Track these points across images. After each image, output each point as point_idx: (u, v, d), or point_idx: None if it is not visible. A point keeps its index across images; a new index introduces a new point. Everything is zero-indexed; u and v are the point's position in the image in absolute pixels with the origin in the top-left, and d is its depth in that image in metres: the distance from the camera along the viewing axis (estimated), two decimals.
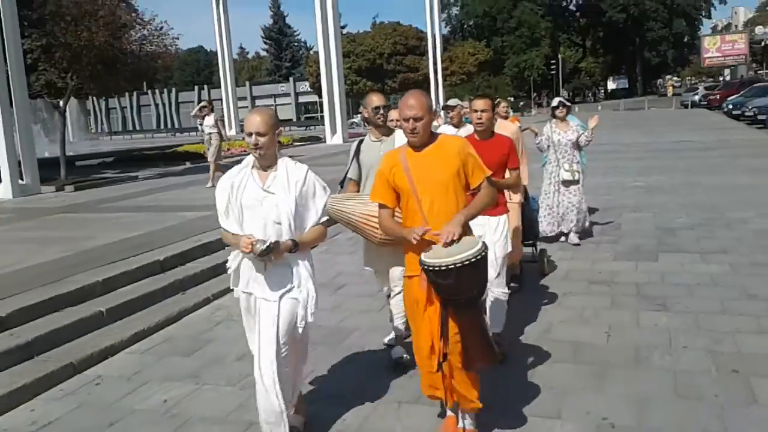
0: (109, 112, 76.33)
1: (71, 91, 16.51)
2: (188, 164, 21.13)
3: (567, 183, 7.85)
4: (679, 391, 4.05)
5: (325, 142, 30.04)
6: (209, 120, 14.15)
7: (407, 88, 45.09)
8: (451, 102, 6.96)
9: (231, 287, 3.61)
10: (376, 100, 4.64)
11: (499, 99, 7.71)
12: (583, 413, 3.84)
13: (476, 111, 4.69)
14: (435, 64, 43.25)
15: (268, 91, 72.68)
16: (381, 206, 3.49)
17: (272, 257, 3.25)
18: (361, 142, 4.78)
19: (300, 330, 3.47)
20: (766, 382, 4.08)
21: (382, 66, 45.75)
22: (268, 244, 3.21)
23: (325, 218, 3.53)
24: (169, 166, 21.11)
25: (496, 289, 4.68)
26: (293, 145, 29.36)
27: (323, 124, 32.69)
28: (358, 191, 4.58)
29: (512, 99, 54.81)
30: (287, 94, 71.35)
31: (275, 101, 71.35)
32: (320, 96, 55.91)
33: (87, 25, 14.92)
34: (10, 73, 13.84)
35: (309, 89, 65.19)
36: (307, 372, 4.17)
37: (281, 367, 3.37)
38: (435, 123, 4.74)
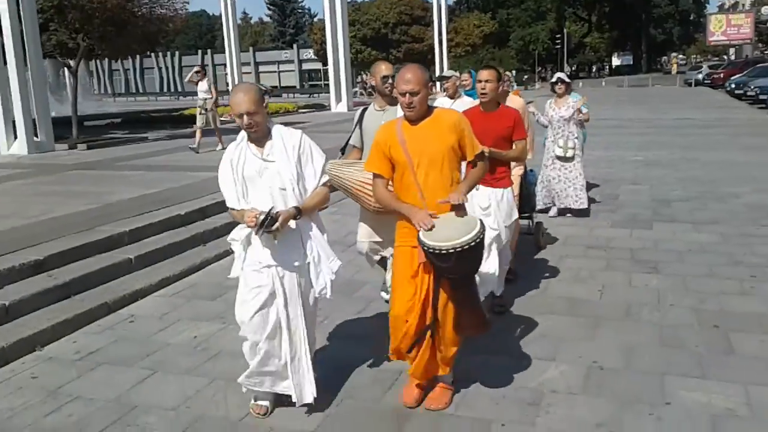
0: (113, 74, 76.04)
1: (83, 52, 16.74)
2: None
3: (561, 159, 7.90)
4: (663, 342, 4.46)
5: (330, 109, 30.21)
6: (203, 85, 14.17)
7: (412, 58, 45.33)
8: (446, 72, 6.95)
9: (231, 275, 3.60)
10: (384, 69, 4.67)
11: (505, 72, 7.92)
12: (576, 357, 4.25)
13: (480, 81, 4.69)
14: (440, 35, 43.16)
15: (271, 58, 72.49)
16: (376, 176, 3.55)
17: (278, 227, 3.23)
18: (365, 110, 4.84)
19: (323, 293, 3.51)
20: (744, 335, 4.48)
21: (387, 35, 45.68)
22: (268, 211, 3.21)
23: (325, 179, 3.56)
24: (176, 128, 21.38)
25: (501, 256, 4.73)
26: (298, 112, 29.57)
27: (327, 92, 32.82)
28: (360, 158, 4.62)
29: (514, 72, 55.07)
30: (291, 61, 71.14)
31: (279, 68, 71.25)
32: (325, 64, 55.98)
33: None
34: (24, 32, 14.06)
35: (313, 56, 65.15)
36: (321, 319, 4.48)
37: (309, 341, 3.53)
38: (432, 96, 4.89)
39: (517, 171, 5.66)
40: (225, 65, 45.01)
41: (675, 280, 5.68)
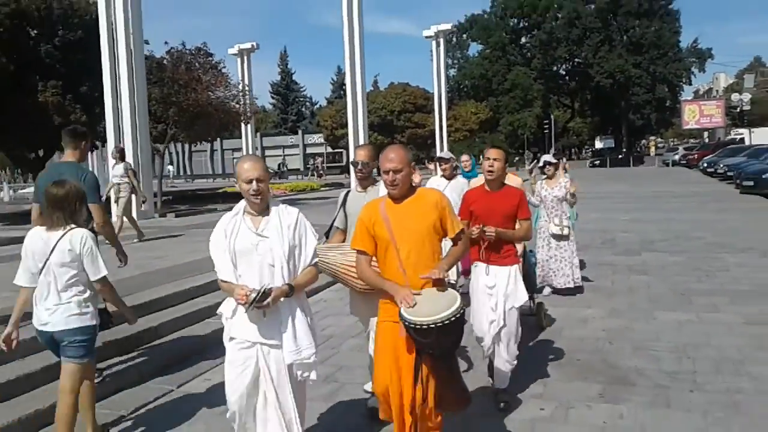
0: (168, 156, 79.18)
1: (170, 138, 20.48)
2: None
3: (557, 237, 8.05)
4: (637, 306, 7.86)
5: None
6: (119, 168, 12.53)
7: (415, 142, 49.88)
8: (444, 154, 7.09)
9: (226, 337, 3.53)
10: (360, 154, 4.72)
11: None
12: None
13: (488, 159, 4.65)
14: (440, 121, 47.66)
15: (277, 143, 77.03)
16: (360, 252, 3.63)
17: (269, 304, 3.25)
18: (348, 192, 4.90)
19: (304, 377, 3.50)
20: (696, 298, 7.90)
21: (393, 122, 50.28)
22: (261, 289, 3.23)
23: (315, 260, 3.56)
24: (226, 202, 24.96)
25: (507, 353, 4.68)
26: (320, 189, 33.32)
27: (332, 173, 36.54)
28: (344, 240, 4.67)
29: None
30: (296, 145, 75.72)
31: (284, 152, 75.68)
32: (333, 148, 60.60)
33: (194, 88, 18.97)
34: (138, 123, 17.75)
35: (318, 141, 69.87)
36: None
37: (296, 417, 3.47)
38: (415, 179, 5.22)
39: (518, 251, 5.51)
40: (241, 149, 49.39)
41: (658, 277, 9.12)
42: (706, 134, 75.02)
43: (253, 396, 3.43)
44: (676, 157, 50.23)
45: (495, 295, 4.58)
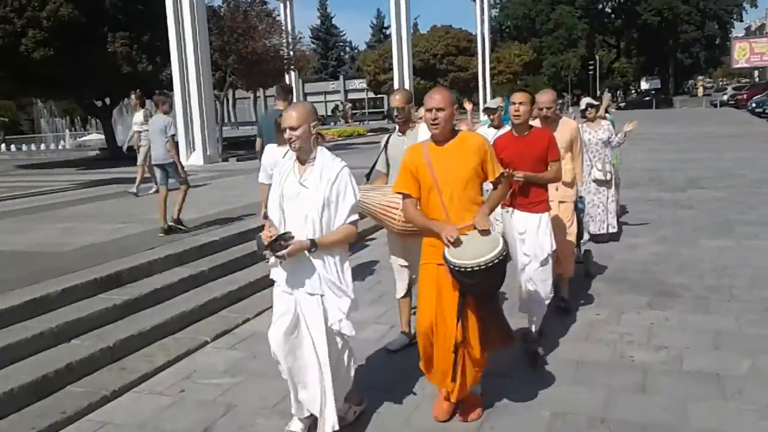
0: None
1: (229, 85, 21.43)
2: None
3: (600, 182, 7.83)
4: (682, 235, 8.58)
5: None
6: (138, 116, 11.95)
7: (458, 86, 49.90)
8: (491, 104, 7.00)
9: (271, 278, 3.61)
10: (395, 100, 4.86)
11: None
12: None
13: (514, 103, 4.58)
14: (483, 64, 47.63)
15: (319, 88, 77.46)
16: (405, 196, 3.70)
17: (285, 255, 3.24)
18: (390, 136, 5.00)
19: (337, 330, 3.48)
20: (741, 228, 8.58)
21: (435, 66, 50.42)
22: (281, 234, 3.26)
23: (353, 218, 3.46)
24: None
25: (540, 290, 4.67)
26: (367, 134, 34.06)
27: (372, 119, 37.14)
28: (386, 183, 4.76)
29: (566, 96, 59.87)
30: (337, 91, 76.14)
31: (325, 98, 76.22)
32: (376, 93, 60.95)
33: (252, 36, 19.77)
34: (201, 71, 18.68)
35: (357, 87, 70.31)
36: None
37: (331, 365, 3.46)
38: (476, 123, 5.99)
39: (571, 197, 5.50)
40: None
41: (703, 212, 9.77)
42: (756, 73, 72.91)
43: (290, 340, 3.45)
44: (725, 98, 49.52)
45: (528, 241, 4.61)
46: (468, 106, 9.96)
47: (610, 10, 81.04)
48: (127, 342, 5.08)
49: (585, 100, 8.12)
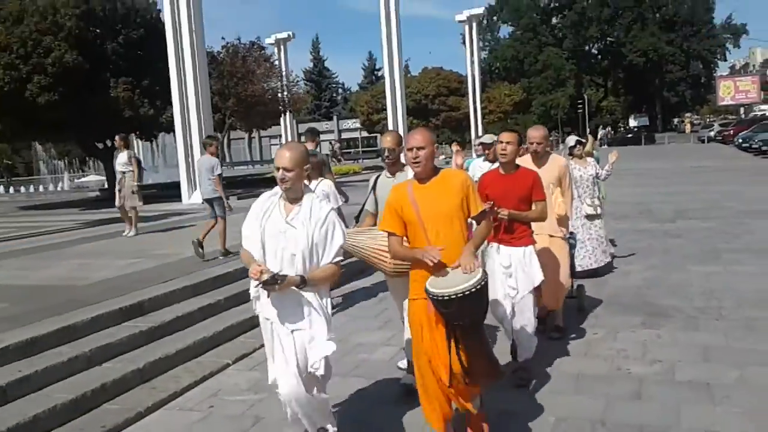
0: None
1: (228, 127, 21.99)
2: None
3: (591, 217, 7.96)
4: (671, 262, 9.00)
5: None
6: (122, 157, 11.89)
7: (450, 125, 50.77)
8: (486, 139, 7.23)
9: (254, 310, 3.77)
10: (385, 141, 4.88)
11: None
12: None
13: (501, 142, 4.71)
14: (474, 104, 48.61)
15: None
16: (390, 234, 3.74)
17: (276, 288, 3.34)
18: (378, 176, 5.02)
19: (315, 368, 3.55)
20: (727, 255, 9.01)
21: (427, 106, 51.34)
22: (273, 274, 3.33)
23: (338, 259, 3.58)
24: (269, 186, 26.46)
25: (526, 321, 4.73)
26: (362, 172, 34.63)
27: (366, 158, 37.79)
28: (375, 224, 4.80)
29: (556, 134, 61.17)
30: (331, 131, 77.12)
31: (319, 137, 77.07)
32: (370, 132, 61.84)
33: (251, 79, 20.41)
34: (202, 113, 19.22)
35: (351, 126, 71.38)
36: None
37: (303, 393, 3.56)
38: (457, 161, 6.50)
39: (560, 233, 5.59)
40: (279, 136, 51.01)
41: (691, 241, 10.20)
42: (742, 110, 74.48)
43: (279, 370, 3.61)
44: (712, 134, 50.41)
45: (513, 275, 4.68)
46: (455, 148, 10.51)
47: (596, 52, 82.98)
48: (155, 365, 5.40)
49: (572, 138, 8.35)
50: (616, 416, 4.27)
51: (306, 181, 3.67)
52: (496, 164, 5.90)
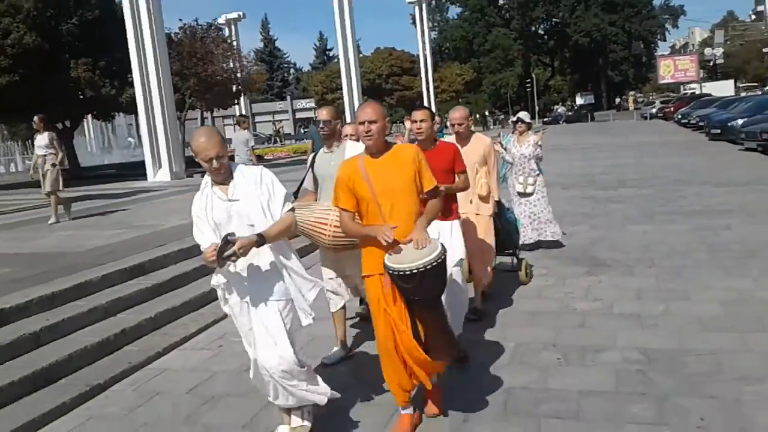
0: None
1: (188, 107, 22.34)
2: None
3: (521, 195, 8.17)
4: (612, 223, 10.04)
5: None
6: (43, 138, 10.97)
7: (404, 104, 51.62)
8: (524, 116, 8.15)
9: (222, 304, 3.74)
10: (321, 113, 4.88)
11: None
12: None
13: (415, 121, 4.74)
14: (427, 83, 49.54)
15: (266, 108, 78.34)
16: (342, 210, 3.67)
17: (236, 253, 3.23)
18: (316, 154, 5.02)
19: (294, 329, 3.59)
20: (661, 216, 10.09)
21: (381, 85, 52.09)
22: (223, 237, 3.23)
23: (288, 206, 3.54)
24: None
25: (457, 293, 4.73)
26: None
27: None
28: (315, 200, 4.81)
29: (486, 114, 62.71)
30: (285, 111, 77.15)
31: (273, 117, 77.12)
32: None
33: (210, 60, 20.78)
34: (164, 93, 19.56)
35: (305, 106, 71.60)
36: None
37: (297, 368, 3.57)
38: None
39: (485, 211, 5.68)
40: (231, 116, 51.12)
41: (631, 205, 11.27)
42: (683, 88, 77.43)
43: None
44: (654, 111, 52.47)
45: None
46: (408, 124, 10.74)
47: (542, 32, 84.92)
48: (163, 315, 6.11)
49: (518, 114, 8.50)
50: (564, 340, 5.17)
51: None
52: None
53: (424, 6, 52.07)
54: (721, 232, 8.62)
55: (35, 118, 11.34)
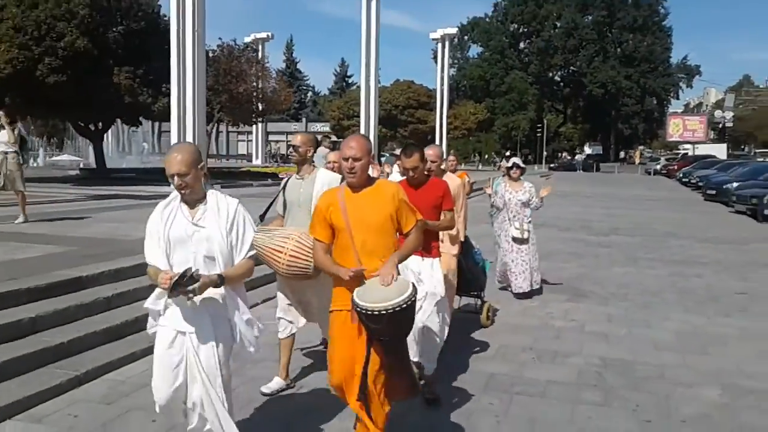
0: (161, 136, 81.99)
1: (216, 120, 23.69)
2: (270, 180, 28.20)
3: (517, 241, 8.14)
4: (598, 264, 11.21)
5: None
6: (3, 135, 10.21)
7: (417, 137, 53.03)
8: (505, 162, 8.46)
9: (147, 329, 3.60)
10: (295, 139, 4.85)
11: (452, 153, 7.90)
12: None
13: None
14: (441, 119, 50.99)
15: (281, 128, 79.90)
16: (316, 240, 3.68)
17: (195, 290, 3.11)
18: (288, 179, 4.98)
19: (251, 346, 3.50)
20: (643, 261, 11.25)
21: (396, 116, 53.57)
22: (184, 271, 3.09)
23: (252, 253, 3.47)
24: (257, 179, 28.00)
25: (433, 326, 4.75)
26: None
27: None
28: (282, 225, 4.83)
29: (494, 154, 64.33)
30: (300, 132, 78.47)
31: (286, 137, 78.72)
32: (339, 137, 63.78)
33: (243, 78, 22.20)
34: (197, 105, 20.88)
35: (320, 130, 73.12)
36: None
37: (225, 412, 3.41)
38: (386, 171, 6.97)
39: (452, 250, 5.58)
40: (247, 133, 52.52)
41: (618, 250, 12.44)
42: (689, 147, 79.04)
43: (182, 389, 3.39)
44: (658, 167, 53.94)
45: (426, 281, 4.69)
46: (388, 169, 10.04)
47: (559, 79, 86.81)
48: None
49: (513, 160, 8.61)
50: (540, 346, 6.33)
51: (203, 180, 3.43)
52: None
53: (447, 43, 53.76)
54: (692, 279, 9.80)
55: (2, 111, 10.70)
